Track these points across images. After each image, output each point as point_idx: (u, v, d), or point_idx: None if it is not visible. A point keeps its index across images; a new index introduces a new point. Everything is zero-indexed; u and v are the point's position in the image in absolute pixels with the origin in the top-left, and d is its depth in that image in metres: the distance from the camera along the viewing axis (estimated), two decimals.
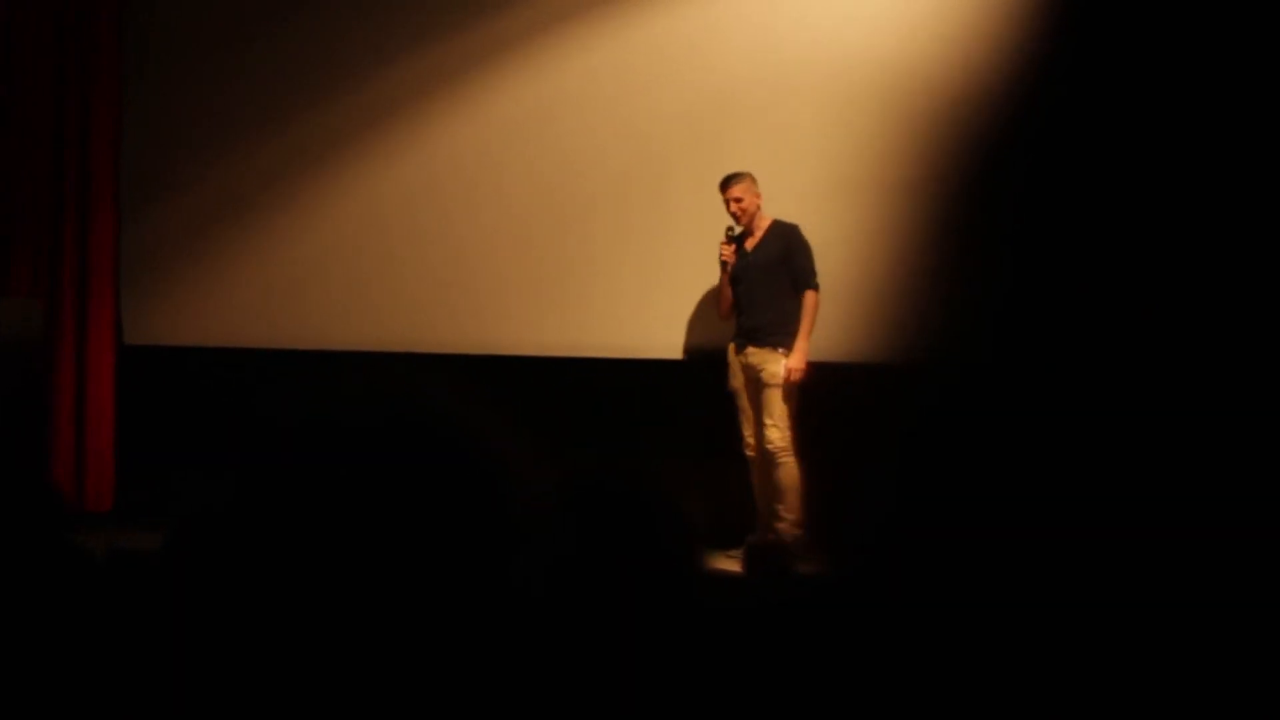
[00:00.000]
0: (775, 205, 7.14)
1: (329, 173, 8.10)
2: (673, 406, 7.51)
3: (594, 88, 7.84)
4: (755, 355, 7.05)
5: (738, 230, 7.19)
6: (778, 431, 6.93)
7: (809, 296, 7.01)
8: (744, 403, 7.10)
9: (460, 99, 7.98)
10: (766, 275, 7.10)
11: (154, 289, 8.27)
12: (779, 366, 6.95)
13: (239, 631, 1.16)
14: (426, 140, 8.01)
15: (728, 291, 7.24)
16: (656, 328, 7.73)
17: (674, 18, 7.76)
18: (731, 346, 7.17)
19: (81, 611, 1.96)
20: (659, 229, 7.76)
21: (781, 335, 7.00)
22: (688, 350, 7.65)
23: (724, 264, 7.22)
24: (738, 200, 7.15)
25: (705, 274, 7.41)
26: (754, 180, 7.18)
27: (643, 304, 7.78)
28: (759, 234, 7.19)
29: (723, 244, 7.23)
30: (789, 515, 6.87)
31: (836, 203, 6.95)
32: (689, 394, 7.48)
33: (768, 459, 6.97)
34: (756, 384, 7.03)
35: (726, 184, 7.18)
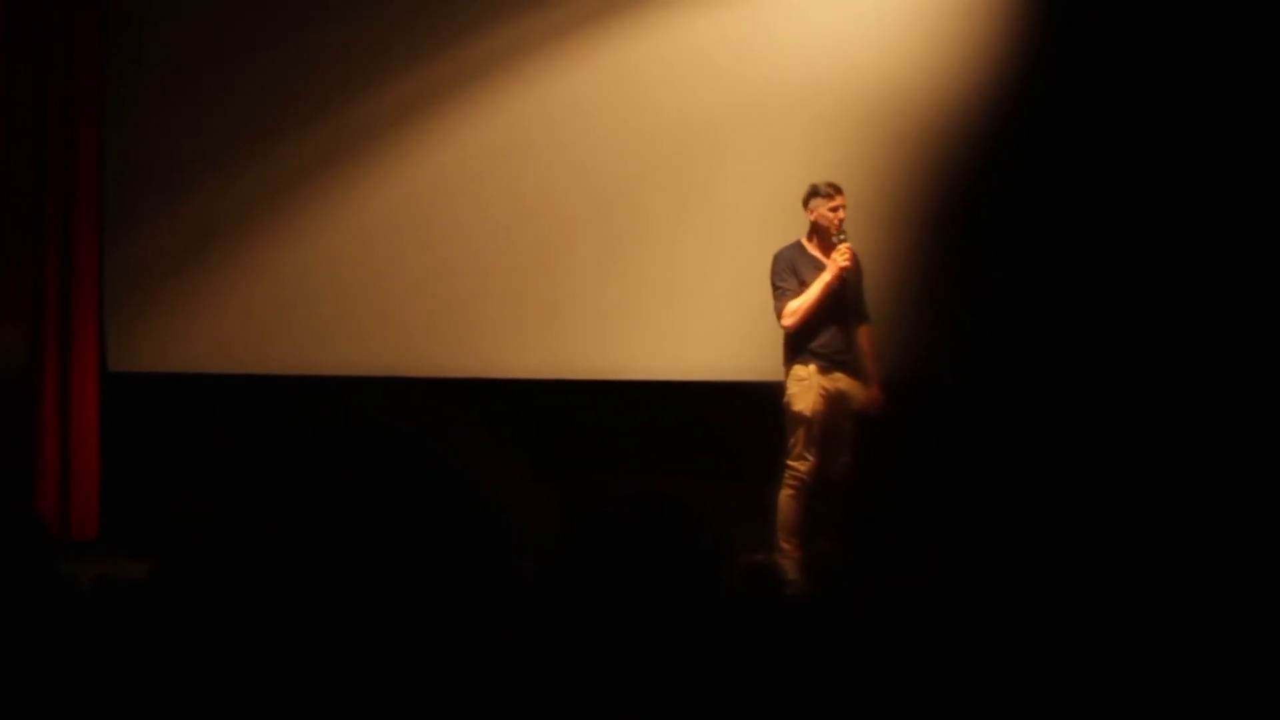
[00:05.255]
0: (763, 225, 7.13)
1: (313, 197, 8.09)
2: (656, 428, 7.48)
3: (575, 109, 7.85)
4: (845, 383, 6.57)
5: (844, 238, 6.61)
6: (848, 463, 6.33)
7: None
8: (816, 429, 6.53)
9: (442, 122, 7.98)
10: (858, 301, 6.63)
11: (138, 315, 8.25)
12: (864, 397, 6.42)
13: (228, 659, 1.15)
14: (409, 164, 8.01)
15: (819, 301, 6.63)
16: (640, 349, 7.72)
17: (654, 39, 7.77)
18: (815, 367, 6.61)
19: (67, 640, 1.95)
20: (641, 249, 7.75)
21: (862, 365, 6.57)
22: (671, 371, 7.63)
23: (844, 270, 6.58)
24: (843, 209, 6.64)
25: (687, 293, 7.38)
26: None
27: (627, 325, 7.77)
28: None
29: (848, 246, 6.59)
30: (797, 544, 6.50)
31: None
32: (672, 415, 7.46)
33: (826, 488, 6.48)
34: (842, 413, 6.53)
35: (841, 190, 6.64)
